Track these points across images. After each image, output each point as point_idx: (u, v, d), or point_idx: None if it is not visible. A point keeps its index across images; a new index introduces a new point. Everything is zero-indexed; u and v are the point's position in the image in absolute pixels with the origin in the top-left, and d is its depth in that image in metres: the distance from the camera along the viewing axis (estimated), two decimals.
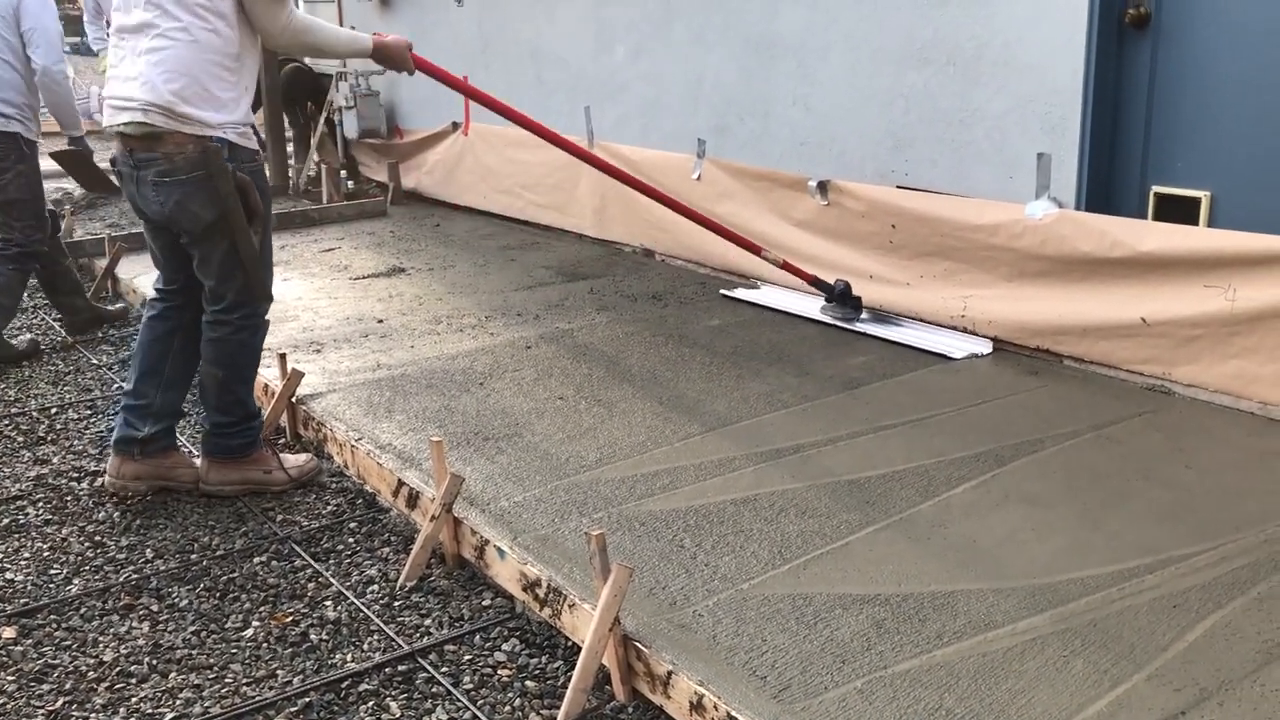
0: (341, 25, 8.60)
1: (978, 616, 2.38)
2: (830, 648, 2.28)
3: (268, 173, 8.55)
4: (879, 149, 4.63)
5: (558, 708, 2.28)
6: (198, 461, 3.44)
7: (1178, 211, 3.79)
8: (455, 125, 7.40)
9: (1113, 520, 2.80)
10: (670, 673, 2.21)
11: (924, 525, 2.80)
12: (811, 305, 4.70)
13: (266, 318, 3.37)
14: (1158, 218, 3.85)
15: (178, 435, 3.51)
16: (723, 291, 5.08)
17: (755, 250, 4.56)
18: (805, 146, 4.96)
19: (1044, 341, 4.01)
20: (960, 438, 3.33)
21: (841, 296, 4.54)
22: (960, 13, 4.20)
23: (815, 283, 4.56)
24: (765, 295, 4.99)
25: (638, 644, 2.30)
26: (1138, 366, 3.75)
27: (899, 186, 4.54)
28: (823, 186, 4.74)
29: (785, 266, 4.54)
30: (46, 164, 5.92)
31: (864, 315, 4.53)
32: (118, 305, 5.22)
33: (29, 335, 4.95)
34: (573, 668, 2.33)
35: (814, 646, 2.28)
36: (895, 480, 3.06)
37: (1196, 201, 3.75)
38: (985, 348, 4.11)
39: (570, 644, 2.51)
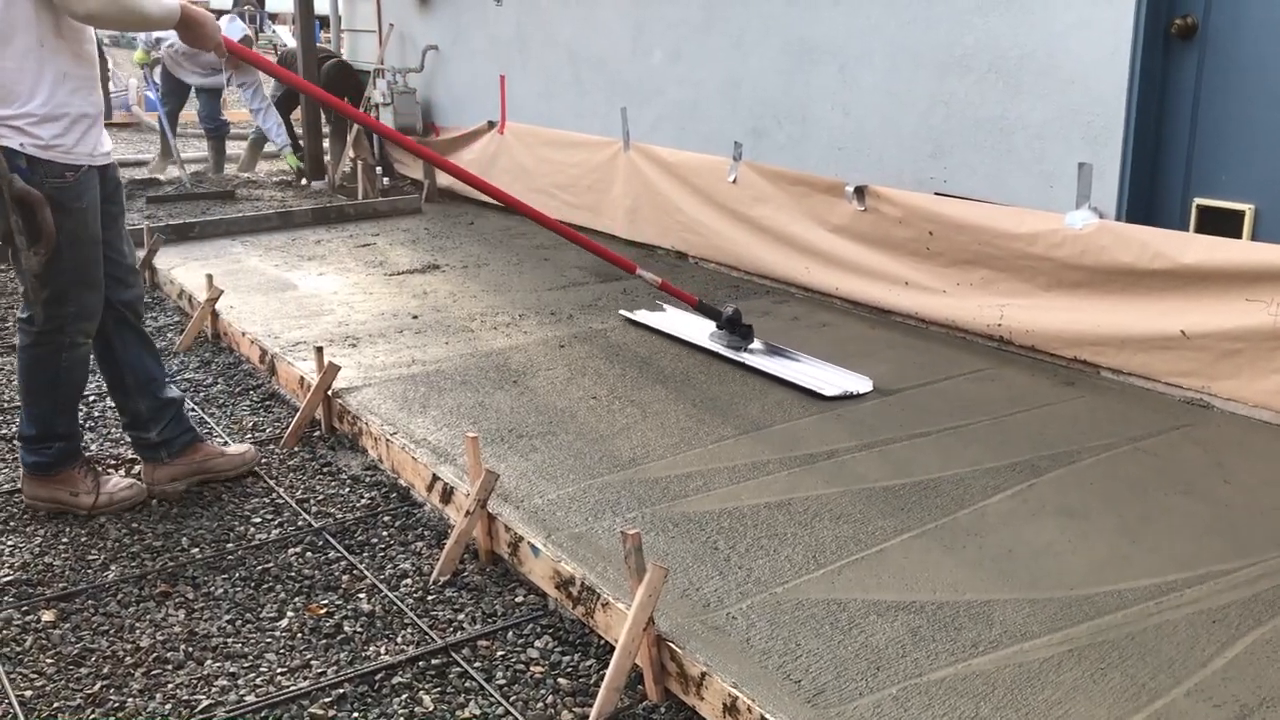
0: (380, 23, 8.67)
1: (1014, 626, 2.37)
2: (865, 654, 2.27)
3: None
4: (917, 155, 4.62)
5: (590, 706, 2.28)
6: (229, 449, 3.46)
7: (1221, 224, 3.76)
8: (491, 124, 7.43)
9: (1150, 533, 2.78)
10: (704, 674, 2.21)
11: (960, 534, 2.78)
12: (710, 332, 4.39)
13: (80, 340, 3.11)
14: (1200, 230, 3.82)
15: (194, 425, 3.45)
16: (622, 312, 4.81)
17: (629, 268, 4.35)
18: (843, 151, 4.95)
19: (1081, 352, 3.99)
20: (996, 447, 3.31)
21: (730, 323, 4.24)
22: (1003, 20, 4.18)
23: (700, 307, 4.32)
24: (666, 319, 4.69)
25: (671, 644, 2.30)
26: (1176, 379, 3.72)
27: (937, 193, 4.52)
28: (860, 192, 4.73)
29: (664, 287, 4.36)
30: None
31: (754, 345, 4.23)
32: None
33: None
34: (605, 666, 2.33)
35: (849, 652, 2.28)
36: (930, 488, 3.05)
37: (1240, 215, 3.72)
38: (865, 386, 3.80)
39: (603, 642, 2.51)
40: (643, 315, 4.75)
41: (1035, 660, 2.24)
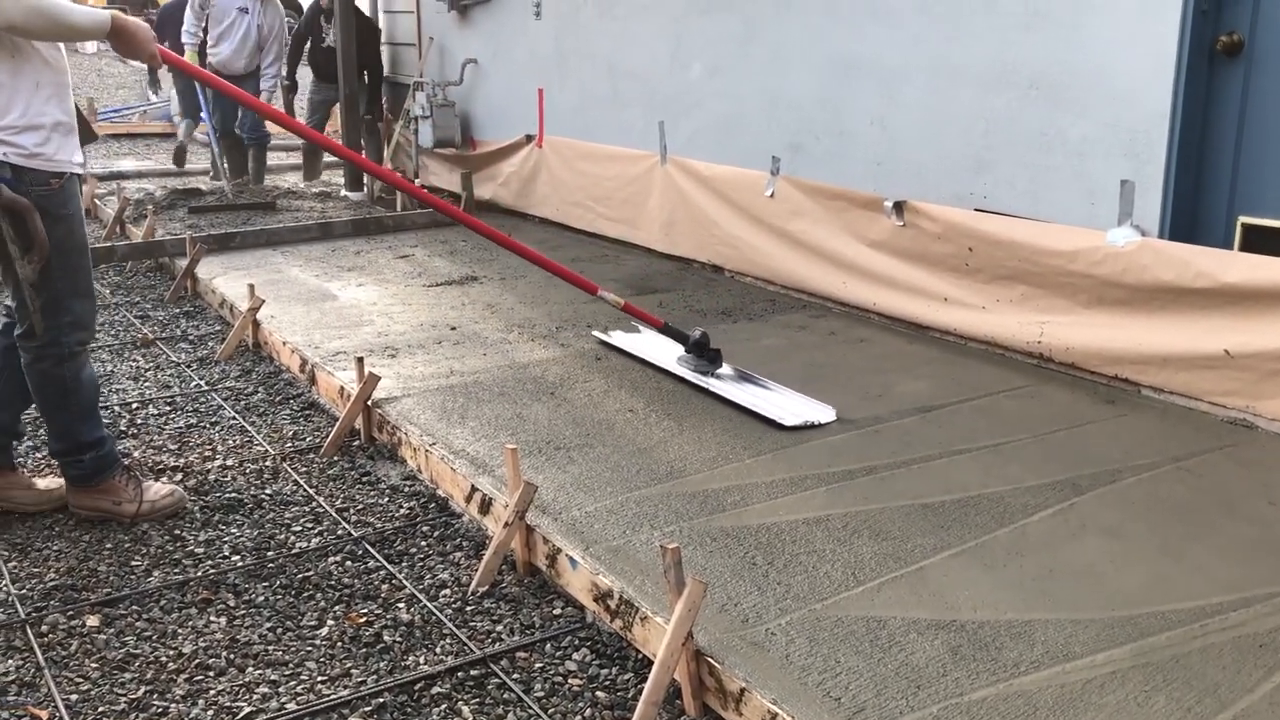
0: (420, 37, 8.74)
1: (1056, 647, 2.35)
2: (905, 672, 2.26)
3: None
4: (958, 171, 4.60)
5: None
6: (38, 483, 3.35)
7: (1266, 243, 3.71)
8: (529, 137, 7.47)
9: (1194, 554, 2.75)
10: (743, 690, 2.21)
11: (1000, 552, 2.76)
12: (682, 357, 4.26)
13: (77, 350, 3.12)
14: (1245, 249, 3.78)
15: (14, 455, 3.38)
16: (595, 333, 4.74)
17: (591, 289, 4.22)
18: (882, 166, 4.94)
19: (1122, 370, 3.95)
20: (1036, 465, 3.29)
21: (697, 347, 4.13)
22: (1046, 37, 4.16)
23: (666, 330, 4.21)
24: (640, 341, 4.57)
25: (710, 659, 2.29)
26: (1219, 399, 3.68)
27: (977, 209, 4.50)
28: (899, 207, 4.72)
29: (626, 309, 4.26)
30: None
31: (722, 370, 4.11)
32: None
33: None
34: (643, 680, 2.33)
35: (888, 670, 2.27)
36: (970, 506, 3.03)
37: None
38: (828, 416, 3.68)
39: (641, 656, 2.51)
40: (616, 337, 4.65)
41: (1078, 681, 2.22)
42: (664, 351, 4.35)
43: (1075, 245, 4.05)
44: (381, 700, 2.39)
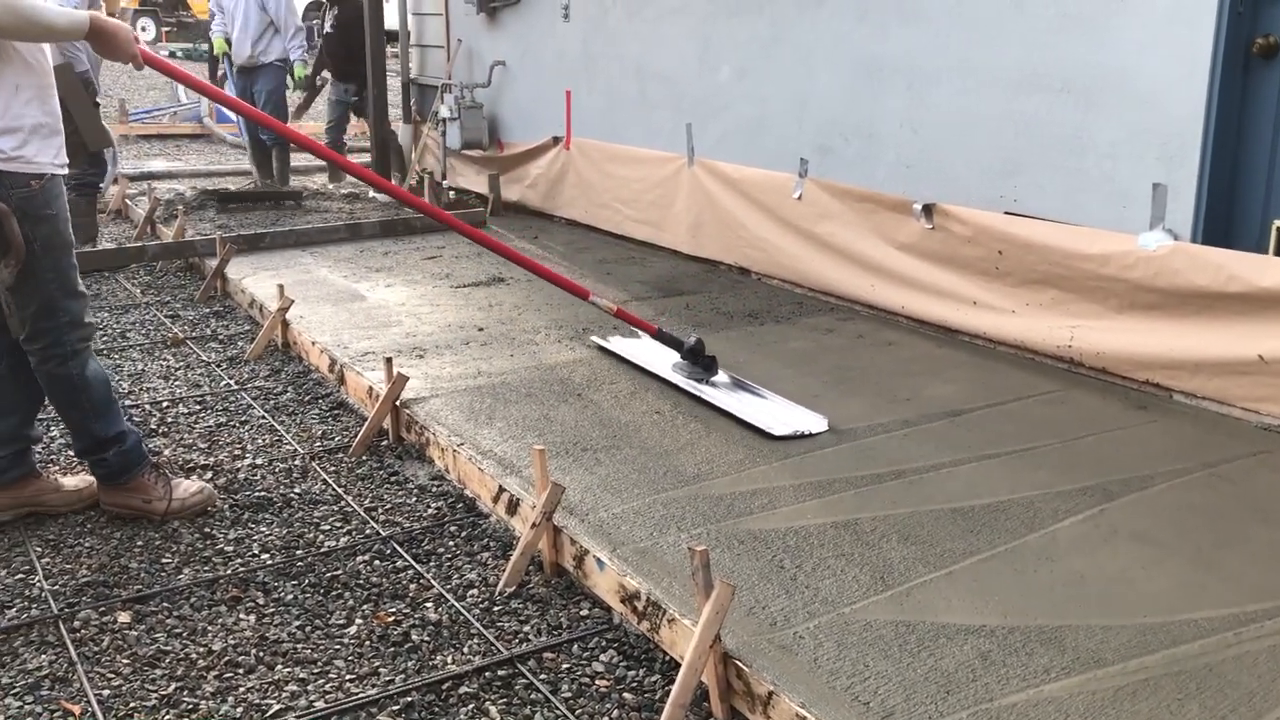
0: (449, 39, 8.77)
1: (1087, 653, 2.33)
2: (934, 677, 2.25)
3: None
4: (987, 174, 4.57)
5: None
6: (65, 482, 3.34)
7: None
8: (556, 139, 7.49)
9: (1227, 562, 2.72)
10: (771, 693, 2.20)
11: (1030, 557, 2.75)
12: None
13: (79, 347, 3.12)
14: None
15: (34, 462, 3.33)
16: (594, 339, 4.67)
17: (583, 295, 4.15)
18: (911, 169, 4.92)
19: (1153, 375, 3.92)
20: (1066, 470, 3.27)
21: (691, 354, 4.06)
22: (1078, 39, 4.14)
23: (660, 336, 4.13)
24: (638, 346, 4.47)
25: (738, 662, 2.29)
26: (1253, 405, 3.64)
27: (1007, 212, 4.47)
28: (928, 210, 4.70)
29: (619, 314, 4.19)
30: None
31: (717, 378, 4.04)
32: None
33: None
34: (670, 682, 2.33)
35: (918, 675, 2.25)
36: (1000, 510, 3.01)
37: None
38: (819, 425, 3.60)
39: (668, 658, 2.51)
40: (615, 343, 4.59)
41: (1109, 688, 2.21)
42: (661, 358, 4.29)
43: (1107, 249, 4.02)
44: (409, 699, 2.39)
